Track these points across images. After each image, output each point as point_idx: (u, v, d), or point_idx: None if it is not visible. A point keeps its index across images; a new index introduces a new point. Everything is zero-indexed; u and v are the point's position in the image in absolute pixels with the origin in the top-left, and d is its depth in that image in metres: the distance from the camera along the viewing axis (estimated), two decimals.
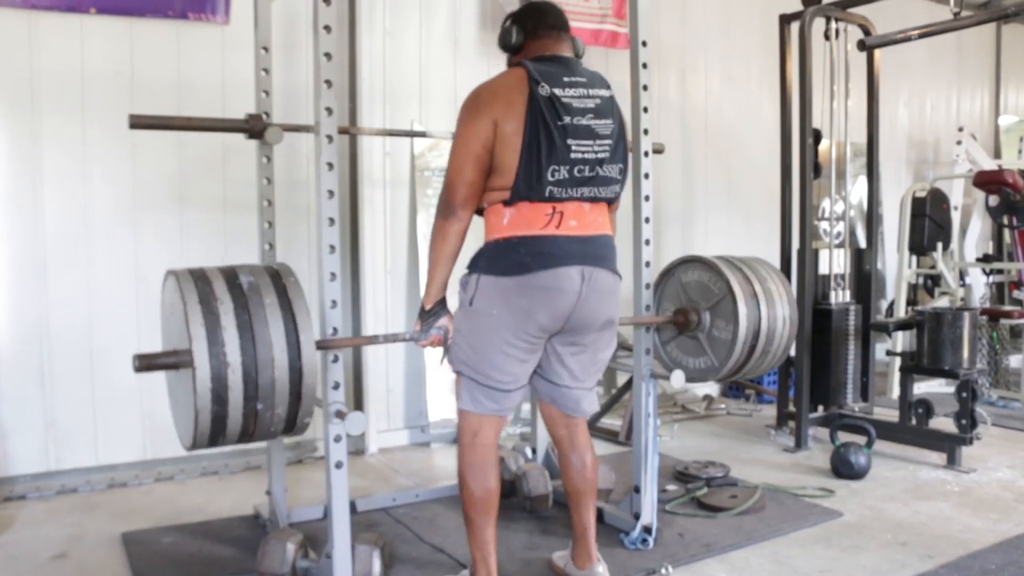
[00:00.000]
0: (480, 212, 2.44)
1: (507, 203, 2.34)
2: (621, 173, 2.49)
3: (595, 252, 2.41)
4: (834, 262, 4.53)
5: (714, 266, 3.14)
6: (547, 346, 2.48)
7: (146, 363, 2.18)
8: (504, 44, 2.52)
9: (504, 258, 2.34)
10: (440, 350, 2.54)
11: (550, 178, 2.30)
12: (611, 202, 2.50)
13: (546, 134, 2.28)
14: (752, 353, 3.13)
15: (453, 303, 2.49)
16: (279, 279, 2.33)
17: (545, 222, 2.33)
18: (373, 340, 2.75)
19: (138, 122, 2.65)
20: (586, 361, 2.54)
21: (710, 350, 3.18)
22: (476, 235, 2.42)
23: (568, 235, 2.35)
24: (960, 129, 6.39)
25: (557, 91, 2.32)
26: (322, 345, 2.37)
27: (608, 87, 2.47)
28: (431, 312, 2.49)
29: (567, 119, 2.31)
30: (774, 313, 3.13)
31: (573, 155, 2.33)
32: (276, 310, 2.24)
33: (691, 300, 3.21)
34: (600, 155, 2.38)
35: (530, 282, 2.31)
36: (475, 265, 2.41)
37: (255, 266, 2.40)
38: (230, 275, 2.30)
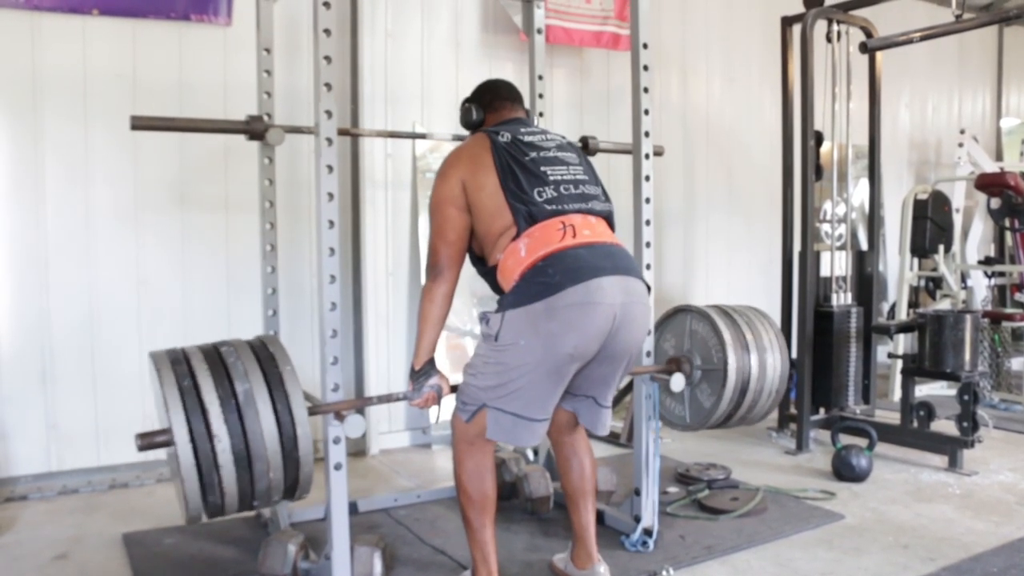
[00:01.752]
0: (492, 273, 2.43)
1: (516, 237, 2.34)
2: (605, 195, 2.54)
3: (623, 262, 2.39)
4: (835, 264, 4.53)
5: (694, 310, 3.27)
6: (591, 367, 2.43)
7: (147, 442, 2.20)
8: (466, 123, 2.69)
9: (532, 284, 2.27)
10: (435, 409, 2.54)
11: (539, 198, 2.35)
12: (608, 218, 2.51)
13: (519, 167, 2.39)
14: (743, 398, 3.21)
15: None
16: (264, 350, 2.37)
17: (560, 237, 2.32)
18: (368, 402, 2.77)
19: (140, 123, 2.66)
20: (616, 376, 2.52)
21: (694, 404, 3.28)
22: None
23: (586, 243, 2.34)
24: (962, 131, 6.38)
25: (518, 137, 2.47)
26: (314, 411, 2.39)
27: (562, 138, 2.61)
28: (422, 372, 2.49)
29: (533, 154, 2.43)
30: (763, 359, 3.22)
31: (552, 177, 2.41)
32: (262, 384, 2.28)
33: (688, 348, 3.28)
34: (578, 176, 2.47)
35: (558, 302, 2.23)
36: (501, 306, 2.34)
37: (238, 341, 2.44)
38: (211, 353, 2.34)
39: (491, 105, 2.67)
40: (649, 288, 2.51)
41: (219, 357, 2.32)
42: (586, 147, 3.53)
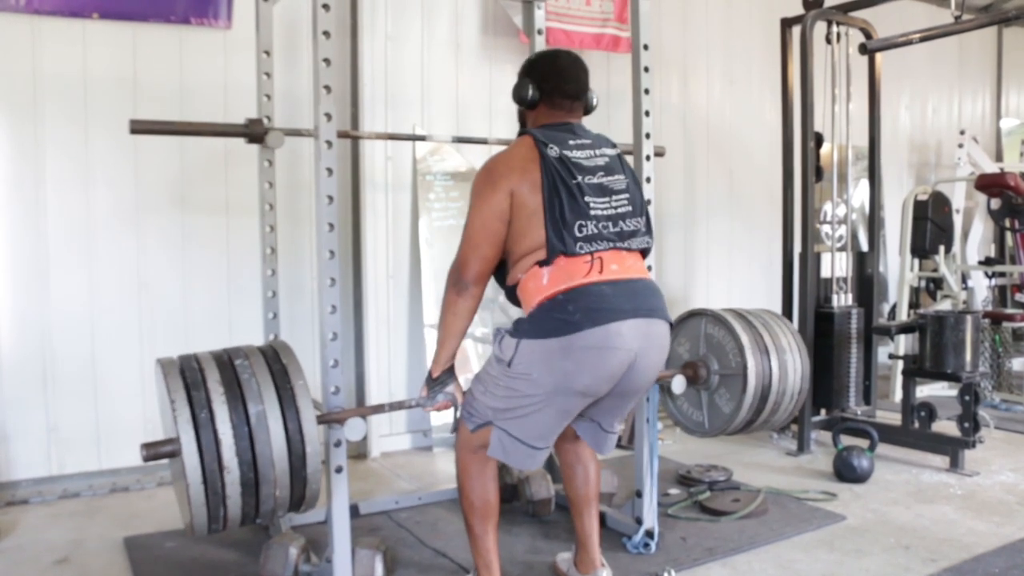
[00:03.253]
0: (513, 293, 2.38)
1: (543, 263, 2.26)
2: (646, 226, 2.44)
3: (647, 303, 2.32)
4: (836, 265, 4.53)
5: (709, 314, 3.17)
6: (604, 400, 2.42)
7: (152, 453, 2.15)
8: (519, 99, 2.49)
9: (550, 319, 2.23)
10: (449, 414, 2.49)
11: (578, 233, 2.25)
12: (645, 253, 2.46)
13: (566, 191, 2.25)
14: (765, 402, 3.12)
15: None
16: (278, 362, 2.30)
17: (586, 271, 2.25)
18: (379, 409, 2.71)
19: (140, 127, 2.66)
20: (628, 406, 2.52)
21: (712, 409, 3.20)
22: None
23: (612, 280, 2.27)
24: (962, 132, 6.38)
25: (566, 152, 2.30)
26: (323, 419, 2.35)
27: (613, 146, 2.45)
28: (439, 380, 2.42)
29: (579, 178, 2.28)
30: (783, 360, 3.13)
31: (594, 212, 2.28)
32: (275, 403, 2.20)
33: (704, 353, 3.21)
34: (620, 210, 2.34)
35: (577, 342, 2.19)
36: (516, 330, 2.30)
37: (250, 347, 2.36)
38: (222, 359, 2.27)
39: (551, 95, 2.45)
40: (672, 324, 2.45)
41: (233, 373, 2.23)
42: None
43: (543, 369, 2.23)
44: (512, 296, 2.41)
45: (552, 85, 2.44)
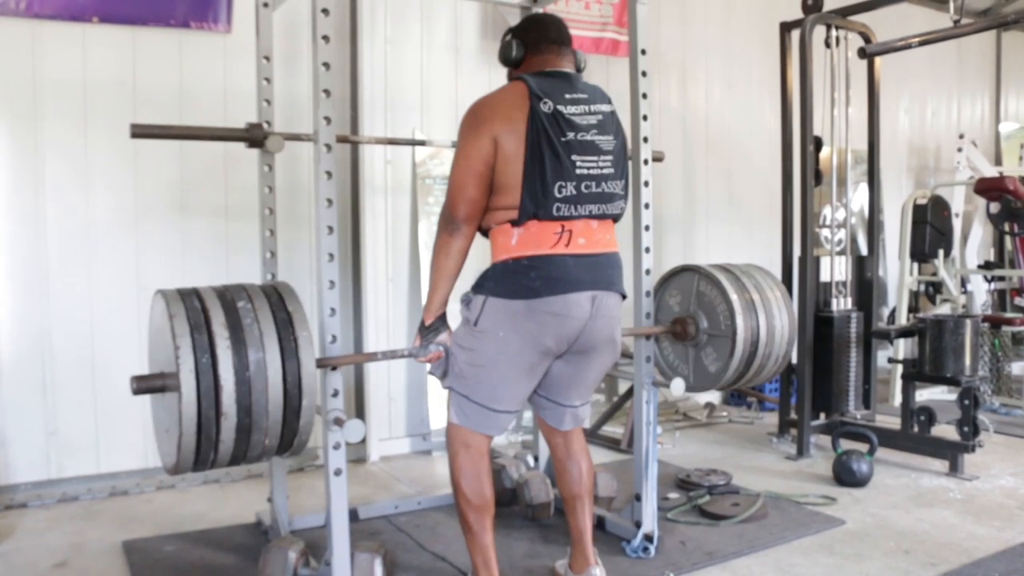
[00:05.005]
0: (485, 233, 2.41)
1: (515, 223, 2.31)
2: (624, 189, 2.49)
3: (605, 276, 2.40)
4: (835, 269, 4.53)
5: (712, 277, 3.14)
6: (553, 367, 2.48)
7: (144, 385, 2.16)
8: (504, 58, 2.50)
9: (513, 280, 2.31)
10: (440, 365, 2.51)
11: (557, 194, 2.28)
12: (617, 219, 2.49)
13: (550, 151, 2.26)
14: (750, 365, 3.14)
15: (454, 315, 2.49)
16: (279, 298, 2.29)
17: (554, 241, 2.31)
18: (372, 357, 2.76)
19: (139, 131, 2.65)
20: (589, 375, 2.55)
21: (698, 366, 3.20)
22: (477, 252, 2.42)
23: (577, 254, 2.34)
24: (961, 136, 6.39)
25: (560, 107, 2.30)
26: (322, 363, 2.36)
27: (609, 101, 2.46)
28: (431, 328, 2.46)
29: (571, 135, 2.30)
30: (772, 324, 3.13)
31: (578, 171, 2.31)
32: (273, 330, 2.19)
33: (695, 310, 3.20)
34: (604, 171, 2.38)
35: (539, 307, 2.30)
36: (481, 286, 2.38)
37: (252, 285, 2.36)
38: (224, 295, 2.26)
39: (536, 46, 2.44)
40: (624, 296, 2.53)
41: (237, 316, 2.20)
42: None
43: (509, 328, 2.32)
44: (485, 234, 2.45)
45: (535, 35, 2.46)
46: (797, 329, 3.26)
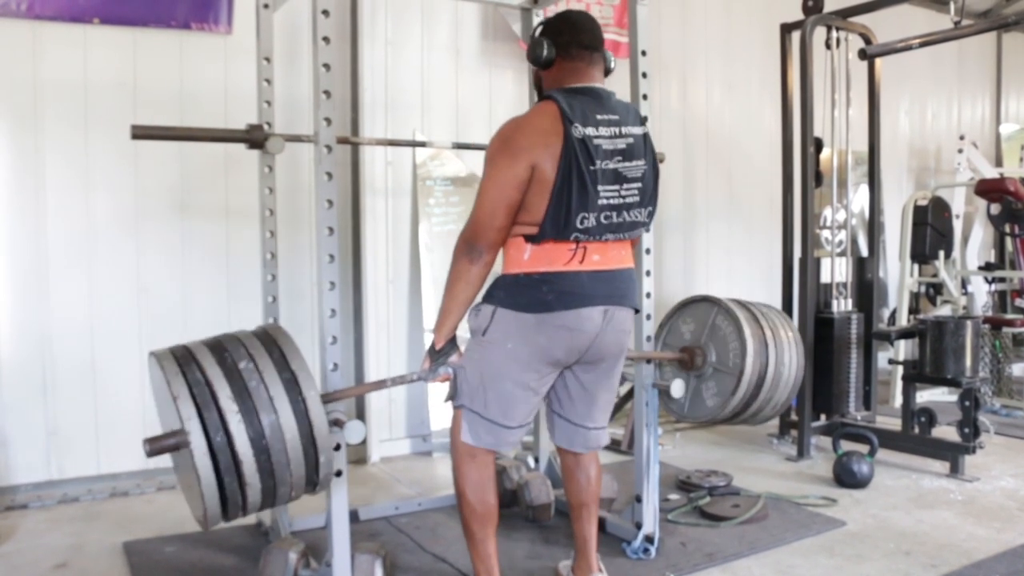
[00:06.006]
0: None
1: (531, 239, 2.26)
2: (649, 216, 2.44)
3: (618, 290, 2.37)
4: (836, 271, 4.53)
5: (724, 306, 3.15)
6: (563, 379, 2.46)
7: (157, 447, 2.06)
8: (534, 58, 2.38)
9: (525, 294, 2.27)
10: (447, 386, 2.46)
11: (579, 225, 2.23)
12: (636, 238, 2.48)
13: (579, 180, 2.20)
14: (748, 407, 3.15)
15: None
16: (272, 342, 2.23)
17: (568, 258, 2.28)
18: (381, 385, 2.68)
19: (140, 132, 2.65)
20: (599, 389, 2.51)
21: (696, 397, 3.21)
22: None
23: (591, 270, 2.30)
24: (961, 137, 6.39)
25: (590, 131, 2.22)
26: (328, 399, 2.32)
27: (642, 123, 2.40)
28: (442, 351, 2.40)
29: (597, 163, 2.23)
30: (779, 372, 3.13)
31: (601, 201, 2.26)
32: (274, 375, 2.14)
33: (706, 342, 3.20)
34: (628, 199, 2.31)
35: (551, 320, 2.27)
36: (492, 296, 2.34)
37: (244, 332, 2.29)
38: (216, 347, 2.20)
39: (567, 49, 2.34)
40: (637, 311, 2.52)
41: (234, 363, 2.15)
42: None
43: (519, 340, 2.29)
44: None
45: (567, 38, 2.35)
46: (801, 379, 3.29)
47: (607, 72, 2.46)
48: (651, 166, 2.39)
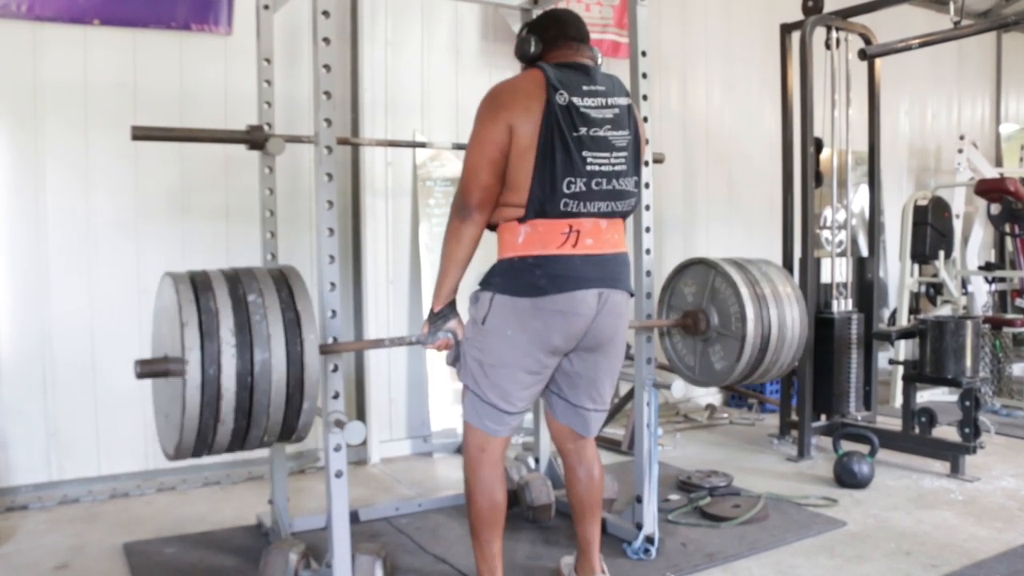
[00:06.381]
0: (492, 228, 2.39)
1: (521, 220, 2.28)
2: (636, 186, 2.44)
3: (612, 273, 2.38)
4: (836, 271, 4.53)
5: (721, 270, 3.14)
6: (563, 364, 2.46)
7: (148, 369, 2.11)
8: (521, 54, 2.43)
9: (519, 278, 2.29)
10: (447, 353, 2.48)
11: (566, 190, 2.24)
12: (626, 216, 2.47)
13: (562, 146, 2.22)
14: (755, 368, 3.14)
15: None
16: (284, 282, 2.28)
17: (561, 241, 2.29)
18: (379, 344, 2.72)
19: (140, 133, 2.65)
20: (599, 372, 2.50)
21: (704, 361, 3.20)
22: (484, 245, 2.41)
23: (584, 254, 2.31)
24: (961, 137, 6.39)
25: (575, 99, 2.26)
26: (326, 350, 2.36)
27: (626, 94, 2.41)
28: (440, 315, 2.41)
29: (583, 130, 2.26)
30: (783, 334, 3.13)
31: (589, 167, 2.27)
32: (278, 314, 2.18)
33: (707, 305, 3.20)
34: (617, 167, 2.33)
35: (546, 304, 2.28)
36: (488, 283, 2.36)
37: (259, 268, 2.35)
38: (232, 277, 2.25)
39: (554, 42, 2.39)
40: (632, 294, 2.52)
41: (239, 286, 2.21)
42: None
43: (516, 326, 2.30)
44: (492, 229, 2.43)
45: (554, 32, 2.41)
46: (807, 330, 3.27)
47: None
48: (635, 136, 2.43)
